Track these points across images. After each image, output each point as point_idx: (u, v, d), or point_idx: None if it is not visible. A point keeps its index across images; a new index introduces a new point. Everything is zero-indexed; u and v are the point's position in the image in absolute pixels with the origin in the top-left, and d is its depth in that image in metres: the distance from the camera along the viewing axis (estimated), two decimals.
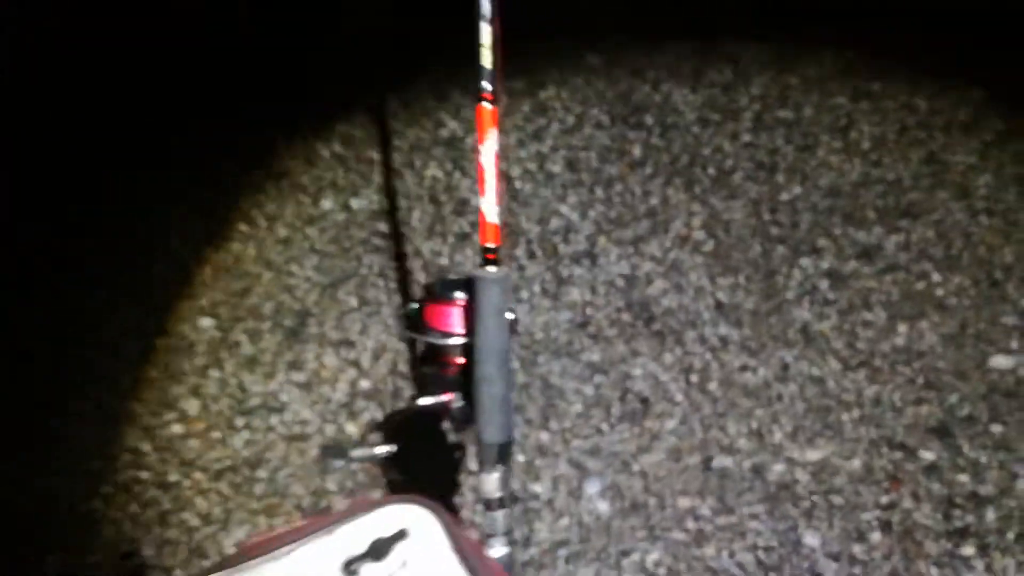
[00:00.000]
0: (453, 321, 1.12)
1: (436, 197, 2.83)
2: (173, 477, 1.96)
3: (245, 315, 2.44)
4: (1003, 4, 2.89)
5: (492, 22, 0.96)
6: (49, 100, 2.93)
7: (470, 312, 1.08)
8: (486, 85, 0.98)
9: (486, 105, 0.99)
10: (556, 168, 2.94)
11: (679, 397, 2.02)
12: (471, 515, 1.74)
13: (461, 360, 1.13)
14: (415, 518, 0.94)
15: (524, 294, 2.40)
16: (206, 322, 2.43)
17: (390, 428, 1.24)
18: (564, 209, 2.75)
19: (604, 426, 1.97)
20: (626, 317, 2.29)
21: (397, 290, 2.46)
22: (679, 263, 2.48)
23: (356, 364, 2.22)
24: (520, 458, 1.90)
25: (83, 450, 2.04)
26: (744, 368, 2.08)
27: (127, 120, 2.92)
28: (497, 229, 1.01)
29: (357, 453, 1.17)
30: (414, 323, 1.20)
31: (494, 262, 1.02)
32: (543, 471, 1.86)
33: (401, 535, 0.93)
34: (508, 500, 1.10)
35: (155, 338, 2.38)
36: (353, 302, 2.43)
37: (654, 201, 2.73)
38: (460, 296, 1.11)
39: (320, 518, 0.99)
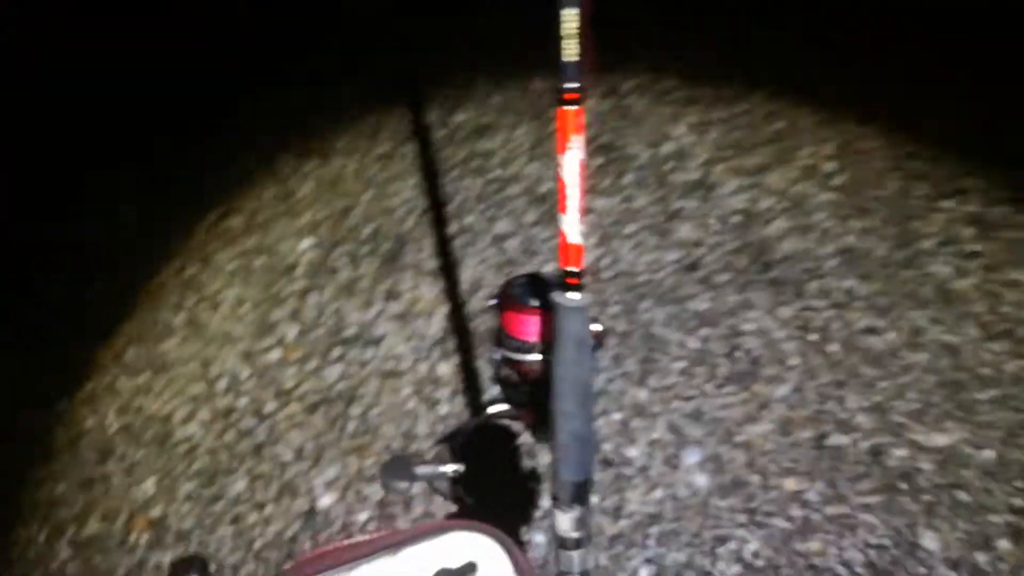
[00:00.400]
0: (531, 330, 0.96)
1: (541, 111, 2.61)
2: (270, 407, 1.93)
3: (345, 236, 2.34)
4: None
5: (580, 4, 0.74)
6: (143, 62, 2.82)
7: (551, 321, 0.91)
8: (570, 84, 0.77)
9: (569, 108, 0.78)
10: (671, 81, 2.66)
11: (794, 359, 1.82)
12: (542, 543, 1.63)
13: (539, 369, 0.98)
14: (483, 550, 0.86)
15: (630, 228, 2.20)
16: (307, 242, 2.34)
17: (460, 439, 1.11)
18: (678, 131, 2.48)
19: (708, 387, 1.79)
20: (740, 261, 2.06)
21: (495, 217, 2.29)
22: (804, 199, 2.21)
23: (451, 297, 2.10)
24: (616, 417, 1.76)
25: (185, 372, 2.02)
26: (870, 330, 1.85)
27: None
28: (580, 251, 0.83)
29: (422, 471, 1.06)
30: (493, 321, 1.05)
31: (577, 287, 0.84)
32: (639, 434, 1.72)
33: (469, 569, 0.84)
34: (585, 540, 0.97)
35: (257, 256, 2.32)
36: (450, 228, 2.29)
37: (780, 124, 2.44)
38: (540, 303, 0.95)
39: (385, 535, 0.90)
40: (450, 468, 1.07)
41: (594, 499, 1.61)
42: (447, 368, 1.94)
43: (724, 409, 1.74)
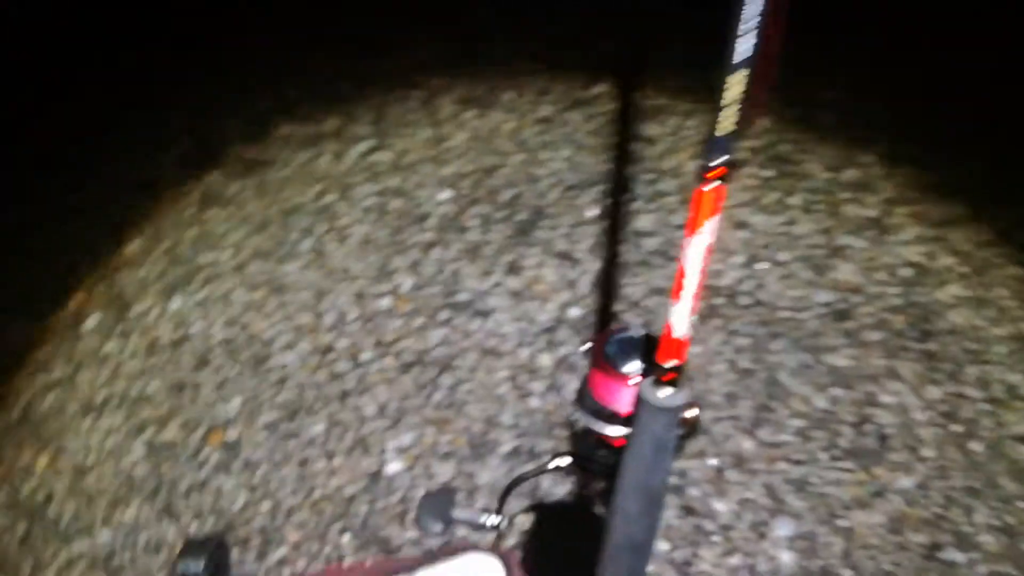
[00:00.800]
0: (620, 401, 0.84)
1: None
2: (366, 355, 1.89)
3: (484, 196, 2.25)
4: None
5: (752, 63, 0.59)
6: None
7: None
8: (716, 159, 0.62)
9: (711, 187, 0.63)
10: (875, 102, 2.38)
11: (929, 450, 1.59)
12: None
13: (622, 440, 0.86)
14: (484, 570, 0.79)
15: (784, 255, 1.99)
16: (445, 194, 2.28)
17: (514, 486, 1.01)
18: (867, 158, 2.22)
19: (823, 456, 1.60)
20: (898, 321, 1.83)
21: (641, 211, 2.14)
22: (988, 268, 1.92)
23: (573, 286, 1.98)
24: (711, 462, 1.61)
25: (298, 299, 2.02)
26: None
27: None
28: (684, 346, 0.69)
29: (460, 516, 0.96)
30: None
31: (672, 383, 0.71)
32: (732, 489, 1.56)
33: None
34: None
35: (395, 198, 2.28)
36: (590, 212, 2.16)
37: (985, 174, 2.13)
38: (636, 370, 0.83)
39: (407, 559, 0.86)
40: (491, 519, 0.97)
41: (664, 546, 1.48)
42: (548, 360, 1.83)
43: (834, 485, 1.55)
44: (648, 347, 0.83)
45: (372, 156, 2.42)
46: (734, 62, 0.56)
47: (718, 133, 0.59)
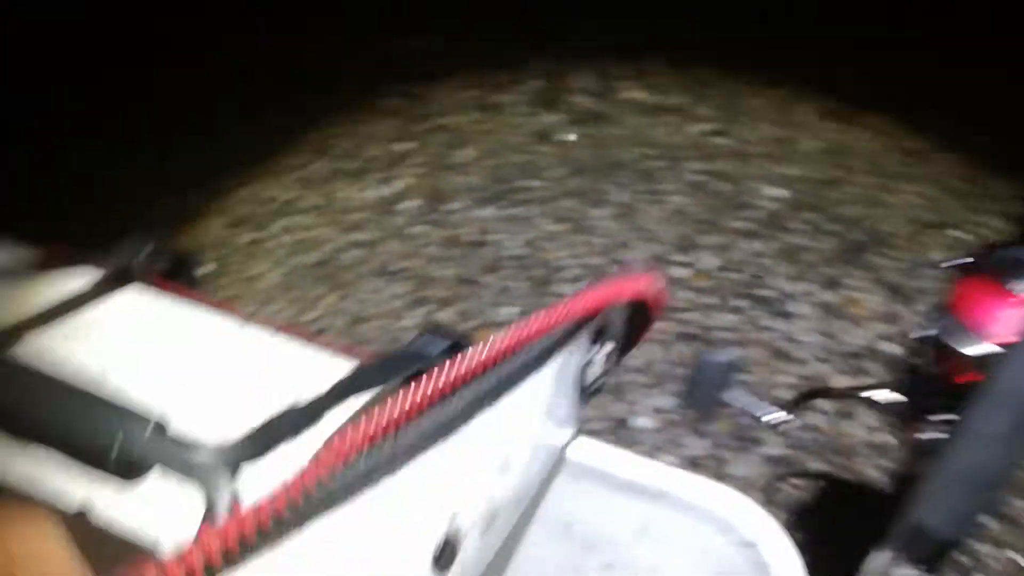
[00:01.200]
0: (998, 321, 0.65)
1: None
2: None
3: (819, 205, 2.06)
4: None
5: None
6: None
7: None
8: None
9: None
10: None
11: None
12: None
13: (975, 374, 0.69)
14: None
15: None
16: (777, 191, 2.12)
17: (821, 396, 0.85)
18: None
19: None
20: None
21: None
22: None
23: (895, 320, 1.73)
24: (1015, 556, 1.30)
25: (597, 242, 1.96)
26: None
27: None
28: None
29: (734, 397, 0.81)
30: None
31: None
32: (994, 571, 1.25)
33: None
34: None
35: (723, 182, 2.16)
36: (938, 256, 1.88)
37: None
38: None
39: None
40: (774, 415, 0.81)
41: None
42: (845, 383, 1.61)
43: None
44: None
45: (711, 138, 2.31)
46: None
47: None
